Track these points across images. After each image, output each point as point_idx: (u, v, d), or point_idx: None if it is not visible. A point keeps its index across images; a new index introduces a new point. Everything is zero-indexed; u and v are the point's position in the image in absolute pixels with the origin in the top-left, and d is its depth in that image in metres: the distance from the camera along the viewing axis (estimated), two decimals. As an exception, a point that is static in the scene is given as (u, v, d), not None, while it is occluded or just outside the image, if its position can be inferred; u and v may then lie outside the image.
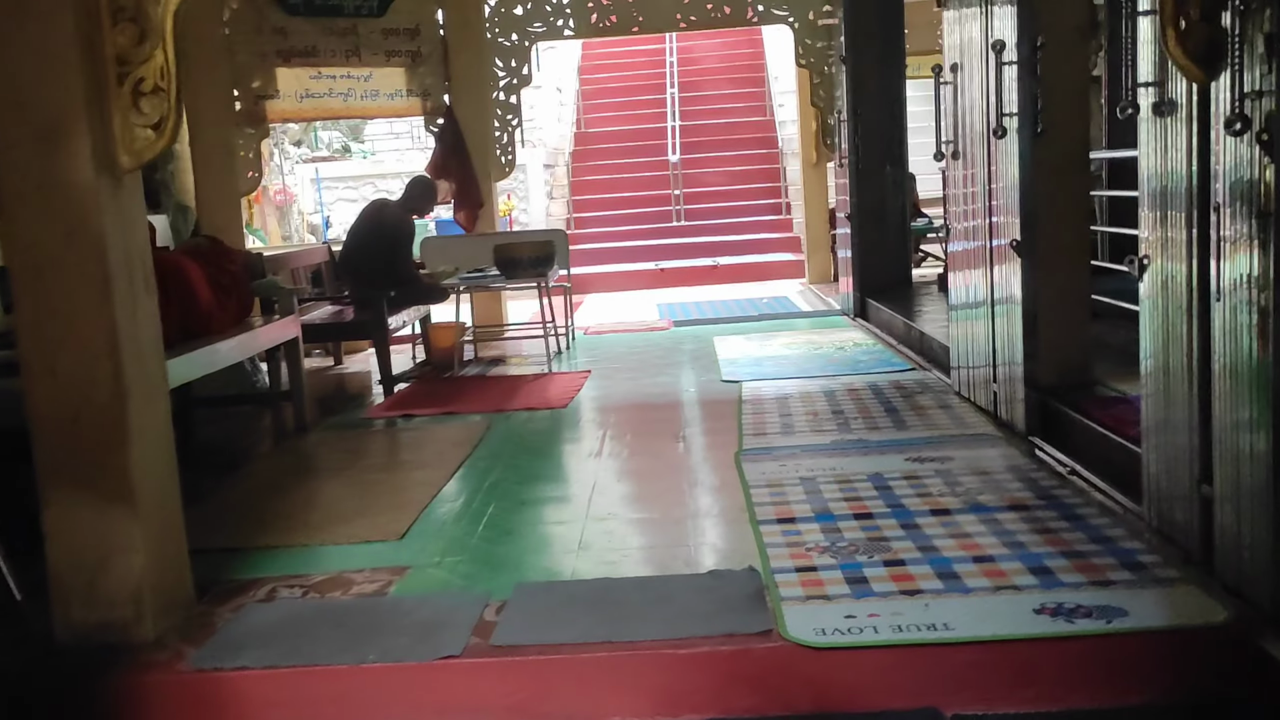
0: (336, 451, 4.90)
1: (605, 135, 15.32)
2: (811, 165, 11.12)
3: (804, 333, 7.55)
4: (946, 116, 4.99)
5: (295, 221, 13.33)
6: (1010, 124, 4.07)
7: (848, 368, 6.01)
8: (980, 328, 4.64)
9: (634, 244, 13.37)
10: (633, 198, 14.24)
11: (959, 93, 4.87)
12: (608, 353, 7.28)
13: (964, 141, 4.79)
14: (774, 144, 14.54)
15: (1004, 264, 4.30)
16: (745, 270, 12.48)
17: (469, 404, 5.70)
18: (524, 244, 6.39)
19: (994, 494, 3.50)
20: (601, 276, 12.44)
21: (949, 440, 4.23)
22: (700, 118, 15.30)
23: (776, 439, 4.47)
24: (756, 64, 16.13)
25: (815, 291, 10.57)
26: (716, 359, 6.61)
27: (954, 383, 5.16)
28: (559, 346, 7.36)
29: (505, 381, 6.37)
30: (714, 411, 5.19)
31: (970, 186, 4.73)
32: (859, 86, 7.88)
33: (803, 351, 6.68)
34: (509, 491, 4.01)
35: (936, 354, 5.87)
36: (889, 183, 8.22)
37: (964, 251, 4.88)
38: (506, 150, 8.47)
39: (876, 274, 8.14)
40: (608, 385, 6.07)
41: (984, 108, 4.45)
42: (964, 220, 4.85)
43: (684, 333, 7.99)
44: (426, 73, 8.15)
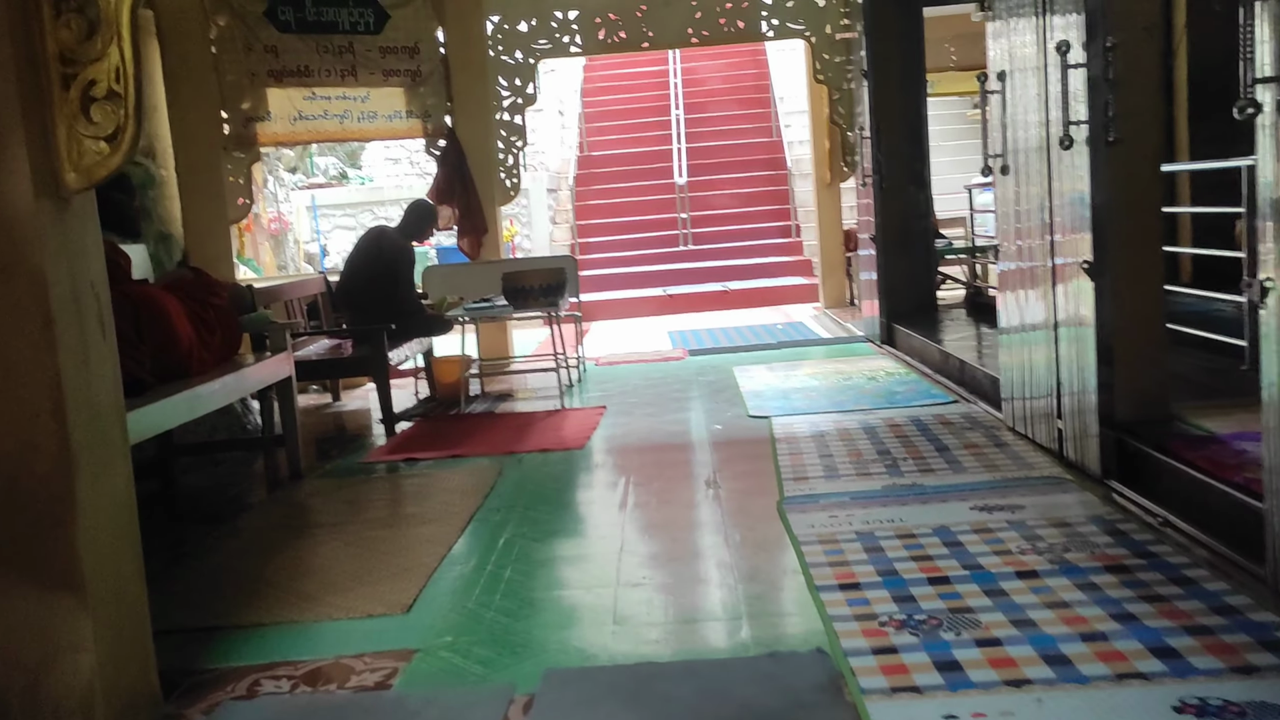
0: (333, 503, 4.46)
1: (609, 158, 14.96)
2: (825, 185, 10.72)
3: (828, 361, 7.12)
4: (994, 129, 4.58)
5: (291, 250, 12.93)
6: (1078, 134, 3.66)
7: (884, 400, 5.58)
8: (1040, 355, 4.21)
9: (640, 269, 12.97)
10: (638, 222, 13.86)
11: (1007, 103, 4.47)
12: (622, 386, 6.85)
13: (1016, 155, 4.38)
14: (782, 165, 14.17)
15: (1069, 284, 3.88)
16: (756, 295, 12.07)
17: (478, 445, 5.26)
18: (533, 272, 5.98)
19: (1082, 550, 3.06)
20: (608, 303, 12.03)
21: (1015, 485, 3.79)
22: (706, 139, 14.93)
23: (820, 484, 4.03)
24: (761, 84, 15.79)
25: (832, 316, 10.15)
26: (740, 391, 6.18)
27: (1006, 416, 4.73)
28: (570, 380, 6.94)
29: (515, 419, 5.94)
30: (745, 452, 4.75)
31: (1024, 203, 4.32)
32: (881, 102, 7.49)
33: (832, 382, 6.25)
34: (526, 550, 3.56)
35: (981, 385, 5.44)
36: (913, 203, 7.82)
37: (1017, 271, 4.46)
38: (511, 173, 8.08)
39: (902, 298, 7.73)
40: (626, 422, 5.63)
41: (1042, 117, 4.05)
42: (1017, 239, 4.44)
43: (701, 362, 7.56)
44: (427, 93, 7.76)
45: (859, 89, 7.78)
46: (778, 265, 12.87)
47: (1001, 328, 4.69)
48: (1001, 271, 4.66)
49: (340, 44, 7.41)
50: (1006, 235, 4.57)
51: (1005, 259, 4.61)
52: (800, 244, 13.29)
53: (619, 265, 13.18)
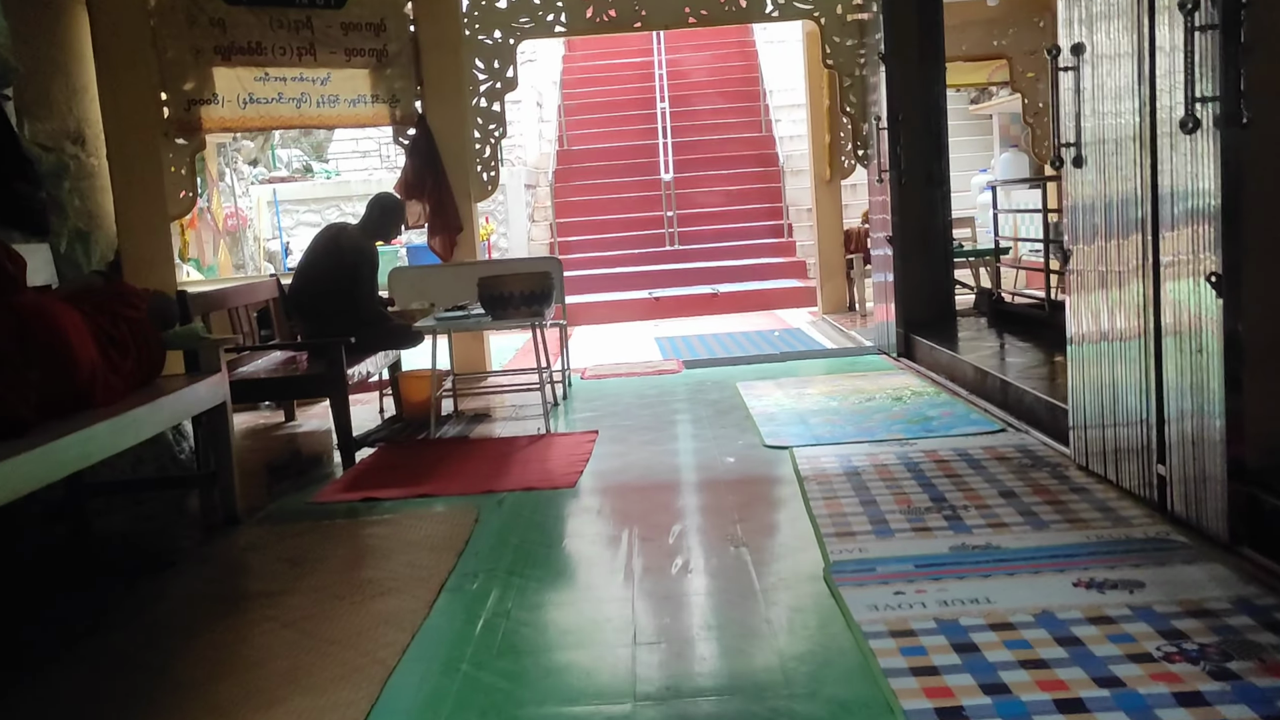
0: (272, 561, 3.68)
1: (591, 153, 14.19)
2: (824, 182, 10.02)
3: (844, 377, 6.39)
4: (1065, 113, 3.86)
5: (250, 249, 12.09)
6: (1204, 114, 2.94)
7: (919, 427, 4.85)
8: (1129, 375, 3.49)
9: (625, 270, 12.22)
10: (622, 220, 13.11)
11: (1081, 79, 3.75)
12: (613, 404, 6.09)
13: (1097, 143, 3.66)
14: (773, 161, 13.46)
15: (1176, 291, 3.16)
16: (748, 299, 11.36)
17: (450, 481, 4.49)
18: (515, 276, 5.20)
19: (1245, 656, 2.33)
20: (590, 306, 11.27)
21: (1118, 549, 3.06)
22: (693, 134, 14.20)
23: (871, 543, 3.29)
24: (750, 77, 15.08)
25: (832, 323, 9.44)
26: (749, 413, 5.44)
27: (1075, 451, 4.01)
28: (554, 397, 6.17)
29: (494, 447, 5.16)
30: (768, 495, 4.01)
31: (1109, 198, 3.60)
32: (900, 90, 6.78)
33: (853, 403, 5.52)
34: (514, 638, 2.80)
35: (1032, 410, 4.72)
36: (932, 201, 7.10)
37: (1097, 275, 3.73)
38: (489, 166, 7.30)
39: (920, 306, 7.02)
40: (622, 452, 4.88)
41: (1140, 96, 3.32)
42: (1096, 239, 3.71)
43: (699, 376, 6.81)
44: (395, 75, 6.97)
45: (873, 75, 7.06)
46: (770, 267, 12.16)
47: (1072, 338, 3.96)
48: (1073, 274, 3.93)
49: (297, 18, 6.60)
50: (1082, 234, 3.85)
51: (1080, 261, 3.89)
52: (793, 244, 12.59)
53: (601, 266, 12.43)
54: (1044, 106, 9.77)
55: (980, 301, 9.04)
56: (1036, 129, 9.86)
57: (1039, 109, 9.80)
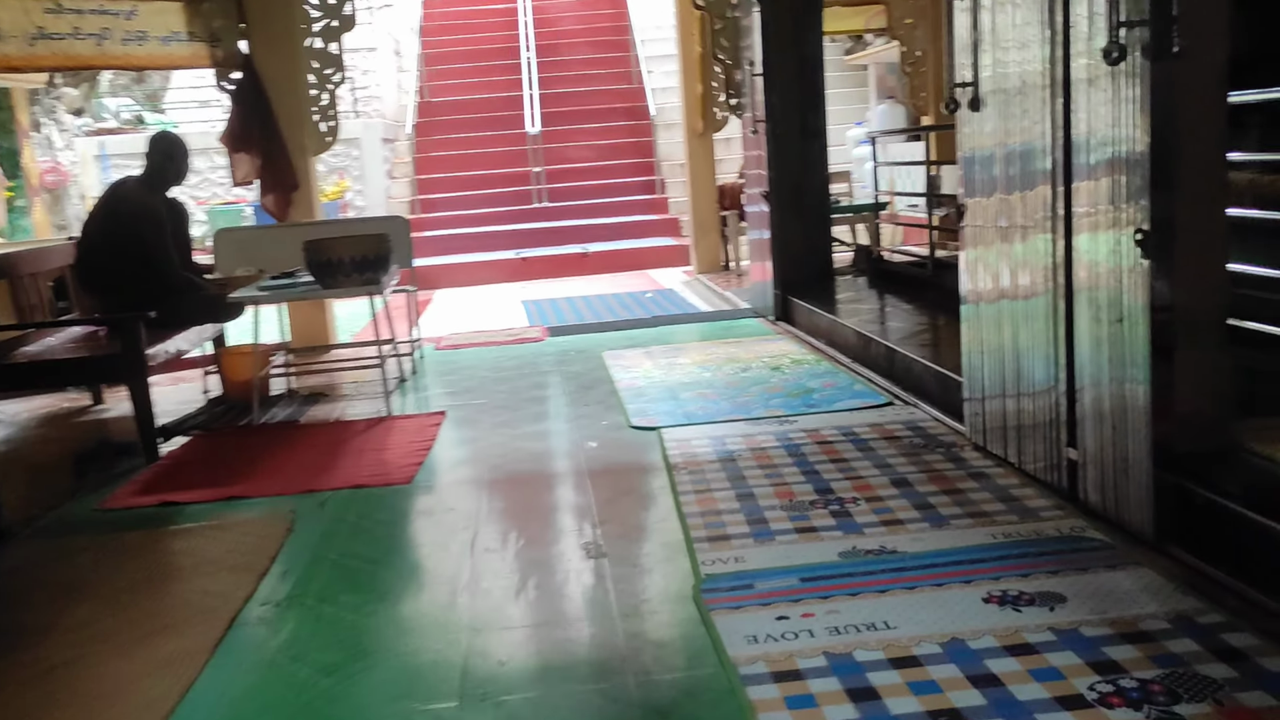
0: (37, 587, 3.02)
1: (453, 105, 13.39)
2: (697, 135, 9.53)
3: (717, 344, 5.93)
4: (963, 47, 3.42)
5: (75, 208, 10.98)
6: (1130, 41, 2.51)
7: (799, 402, 4.42)
8: (1032, 338, 3.10)
9: (491, 229, 11.54)
10: (487, 176, 12.39)
11: (980, 10, 3.31)
12: (467, 378, 5.51)
13: (997, 79, 3.23)
14: (644, 114, 12.90)
15: (1093, 250, 2.76)
16: (620, 258, 10.83)
17: (268, 478, 3.85)
18: (344, 240, 4.54)
19: (1196, 696, 1.93)
20: (453, 268, 10.59)
21: (1031, 552, 2.65)
22: (561, 85, 13.52)
23: (750, 550, 2.82)
24: (620, 25, 14.44)
25: (707, 283, 9.01)
26: (615, 388, 4.94)
27: (970, 428, 3.62)
28: (402, 372, 5.54)
29: (326, 433, 4.53)
30: (634, 487, 3.51)
31: (1008, 143, 3.18)
32: (775, 34, 6.30)
33: (728, 374, 5.06)
34: (310, 690, 2.23)
35: (921, 381, 4.33)
36: (809, 154, 6.67)
37: (998, 230, 3.32)
38: (327, 114, 6.55)
39: (798, 266, 6.61)
40: (471, 437, 4.31)
41: (1049, 22, 2.89)
42: (995, 191, 3.30)
43: (563, 344, 6.27)
44: (213, 10, 6.16)
45: (746, 18, 6.56)
46: (642, 225, 11.65)
47: (966, 299, 3.55)
48: (969, 229, 3.51)
49: (91, -59, 5.73)
50: (979, 186, 3.43)
51: (975, 216, 3.47)
52: (665, 201, 12.10)
53: (466, 225, 11.72)
54: (922, 55, 9.44)
55: (859, 259, 8.72)
56: (914, 79, 9.53)
57: (917, 58, 9.46)
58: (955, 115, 3.51)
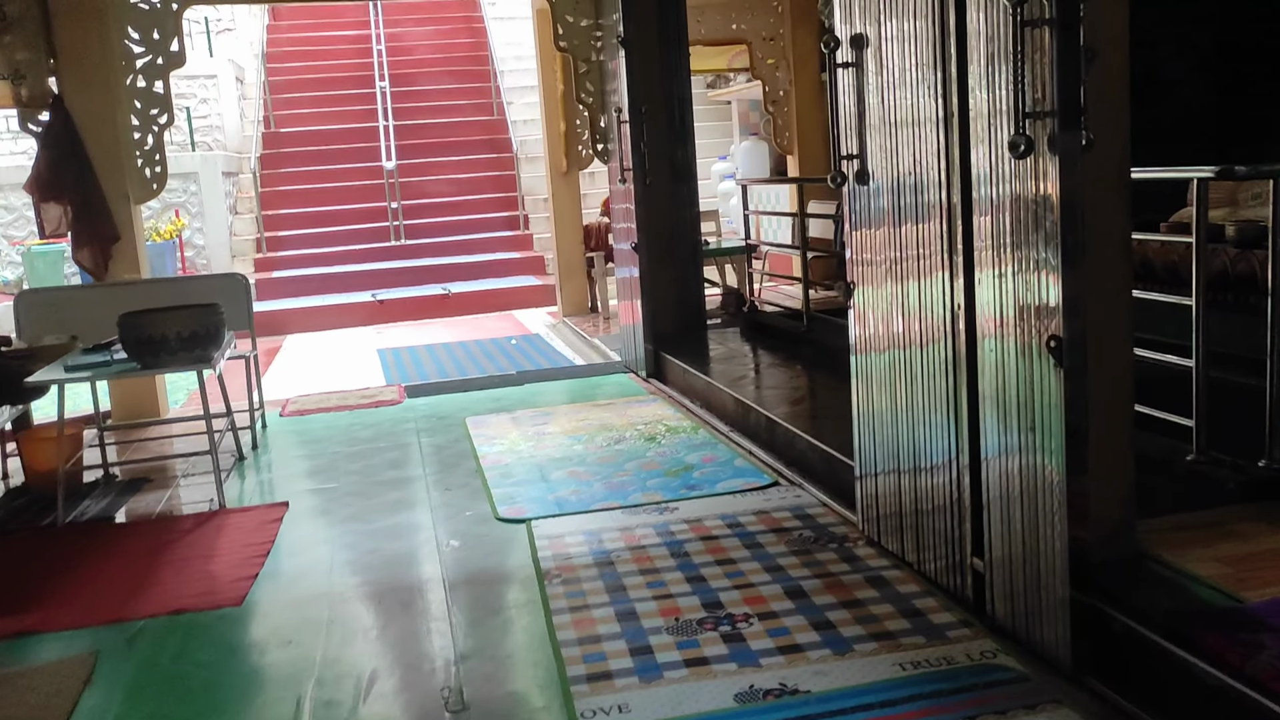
0: None
1: (302, 136, 12.75)
2: (561, 174, 9.21)
3: (589, 406, 5.58)
4: (848, 115, 3.18)
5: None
6: (1039, 132, 2.28)
7: (679, 482, 4.10)
8: (933, 431, 2.86)
9: (345, 269, 10.98)
10: (340, 212, 11.80)
11: (866, 78, 3.07)
12: (315, 453, 5.01)
13: (886, 154, 2.99)
14: (506, 147, 12.54)
15: (1000, 356, 2.53)
16: (483, 299, 10.42)
17: (68, 602, 3.31)
18: (170, 314, 4.01)
19: None
20: (304, 312, 9.99)
21: (946, 689, 2.38)
22: (418, 115, 13.05)
23: (635, 693, 2.46)
24: (480, 55, 14.05)
25: (574, 327, 8.66)
26: (480, 464, 4.53)
27: (861, 519, 3.36)
28: (239, 449, 5.00)
29: (145, 535, 3.98)
30: (499, 602, 3.12)
31: (900, 224, 2.94)
32: (642, 77, 6.02)
33: (601, 446, 4.71)
34: None
35: (804, 456, 4.08)
36: (679, 199, 6.42)
37: (885, 329, 3.08)
38: (152, 159, 5.94)
39: (669, 318, 6.33)
40: (316, 536, 3.84)
41: (941, 99, 2.66)
42: (886, 280, 3.06)
43: (422, 408, 5.82)
44: (16, 44, 5.51)
45: (612, 60, 6.27)
46: (506, 263, 11.27)
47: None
48: (856, 313, 3.26)
49: None
50: (866, 272, 3.18)
51: (865, 303, 3.22)
52: (530, 238, 11.75)
53: (317, 264, 11.13)
54: (784, 95, 9.36)
55: (728, 301, 8.52)
56: (778, 118, 9.44)
57: (779, 97, 9.38)
58: (840, 188, 3.26)
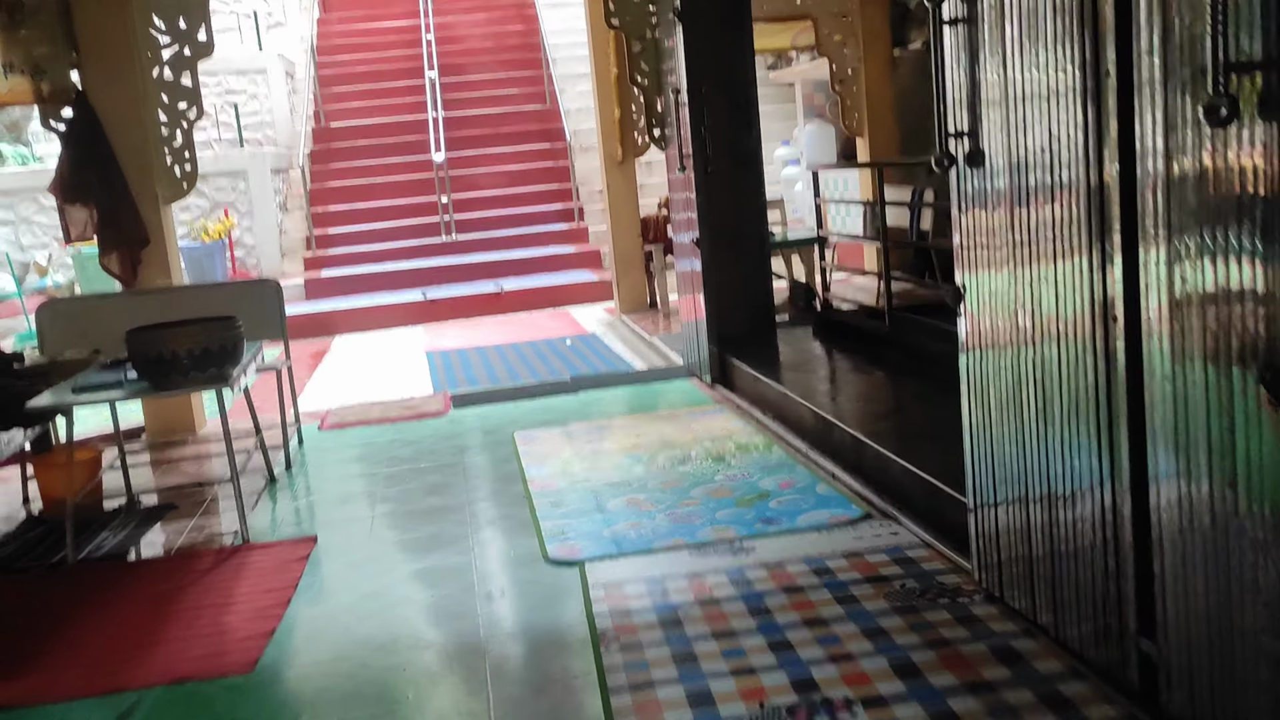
0: None
1: (352, 130, 12.40)
2: (616, 163, 8.71)
3: (648, 418, 5.09)
4: (955, 84, 2.63)
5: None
6: (1243, 88, 1.73)
7: (755, 515, 3.59)
8: (1075, 456, 2.31)
9: (394, 266, 10.60)
10: (390, 208, 11.44)
11: (981, 39, 2.53)
12: (352, 474, 4.59)
13: (1008, 131, 2.45)
14: (560, 136, 12.05)
15: (1175, 373, 1.98)
16: (536, 296, 9.96)
17: (63, 664, 2.90)
18: (178, 331, 3.59)
19: None
20: (354, 313, 9.62)
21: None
22: (469, 106, 12.64)
23: (713, 816, 1.97)
24: (531, 42, 13.59)
25: (631, 325, 8.18)
26: (528, 489, 4.07)
27: (978, 568, 2.82)
28: (270, 471, 4.59)
29: (158, 577, 3.57)
30: (546, 677, 2.64)
31: (1025, 211, 2.40)
32: (701, 56, 5.49)
33: (662, 467, 4.22)
34: None
35: (900, 484, 3.54)
36: (744, 189, 5.88)
37: (1013, 326, 2.54)
38: (182, 156, 5.56)
39: (735, 318, 5.81)
40: (341, 582, 3.40)
41: (1085, 60, 2.11)
42: (1006, 267, 2.51)
43: (469, 421, 5.37)
44: (34, 37, 5.16)
45: (669, 38, 5.75)
46: (560, 258, 10.80)
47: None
48: (968, 319, 2.72)
49: None
50: (982, 266, 2.64)
51: (980, 306, 2.68)
52: (585, 230, 11.26)
53: (367, 262, 10.77)
54: (853, 73, 8.76)
55: (796, 296, 7.98)
56: (846, 98, 8.84)
57: (848, 76, 8.78)
58: (945, 170, 2.72)
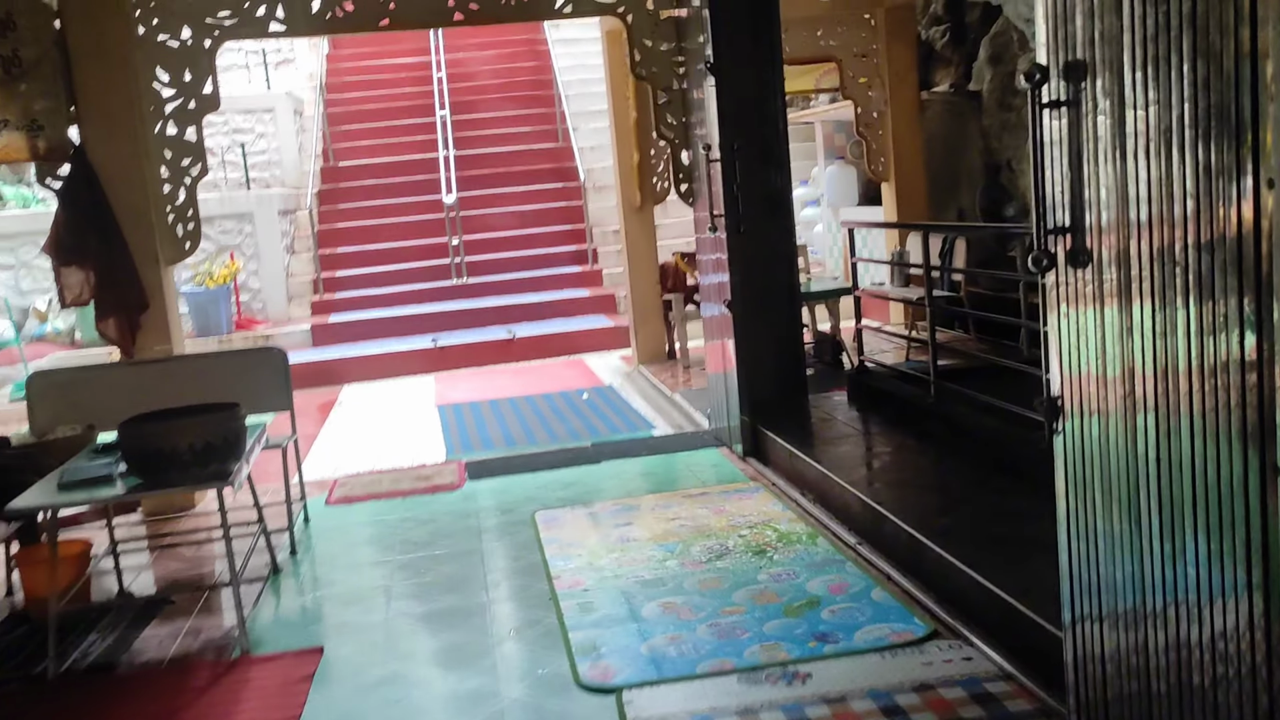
0: None
1: (361, 170, 12.15)
2: (635, 210, 8.43)
3: (680, 498, 4.76)
4: (1056, 175, 2.32)
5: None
6: None
7: (807, 630, 3.25)
8: (1216, 570, 1.98)
9: (403, 311, 10.31)
10: (399, 249, 11.17)
11: (1086, 122, 2.22)
12: (362, 562, 4.27)
13: (1123, 224, 2.13)
14: (573, 175, 11.78)
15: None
16: (550, 343, 9.66)
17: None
18: (178, 425, 3.27)
19: None
20: (361, 360, 9.32)
21: None
22: (480, 144, 12.39)
23: None
24: (544, 79, 13.35)
25: (651, 379, 7.87)
26: (553, 589, 3.74)
27: (1075, 707, 2.47)
28: (273, 561, 4.26)
29: (143, 697, 3.23)
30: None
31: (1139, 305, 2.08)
32: (734, 108, 5.20)
33: (699, 561, 3.89)
34: None
35: (965, 595, 3.21)
36: (775, 244, 5.57)
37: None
38: (184, 214, 5.28)
39: (767, 382, 5.49)
40: (349, 713, 3.06)
41: (1232, 144, 1.80)
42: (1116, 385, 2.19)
43: (486, 496, 5.05)
44: (34, 91, 4.88)
45: (697, 90, 5.46)
46: (574, 301, 10.50)
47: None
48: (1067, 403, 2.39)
49: None
50: (1087, 384, 2.32)
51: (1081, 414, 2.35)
52: (600, 273, 10.98)
53: (375, 306, 10.48)
54: (879, 117, 8.50)
55: (823, 348, 7.67)
56: (871, 141, 8.59)
57: (873, 119, 8.53)
58: (1042, 273, 2.41)
